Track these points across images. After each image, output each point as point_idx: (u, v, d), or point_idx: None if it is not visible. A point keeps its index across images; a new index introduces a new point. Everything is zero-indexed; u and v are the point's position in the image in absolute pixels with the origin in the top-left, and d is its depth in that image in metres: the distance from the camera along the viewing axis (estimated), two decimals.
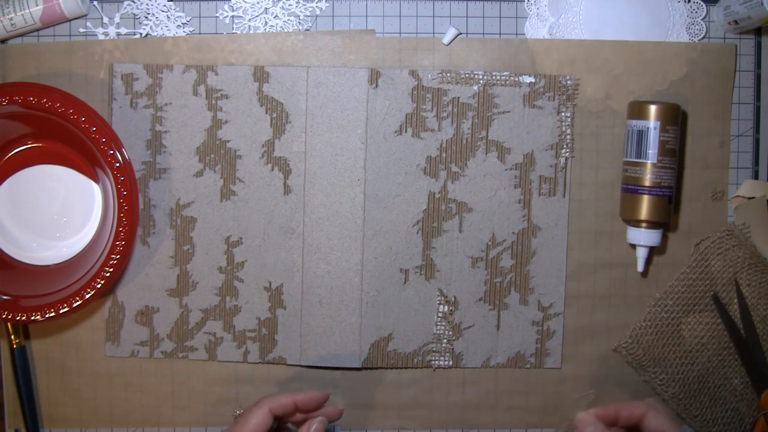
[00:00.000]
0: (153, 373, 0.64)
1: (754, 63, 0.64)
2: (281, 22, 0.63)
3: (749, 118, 0.64)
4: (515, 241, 0.63)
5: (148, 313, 0.63)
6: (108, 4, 0.62)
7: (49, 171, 0.62)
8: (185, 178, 0.62)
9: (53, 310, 0.57)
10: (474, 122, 0.62)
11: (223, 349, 0.63)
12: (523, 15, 0.63)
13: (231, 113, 0.61)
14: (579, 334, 0.64)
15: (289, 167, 0.62)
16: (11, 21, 0.60)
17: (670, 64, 0.62)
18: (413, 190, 0.62)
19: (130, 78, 0.61)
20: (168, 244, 0.62)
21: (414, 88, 0.61)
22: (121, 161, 0.57)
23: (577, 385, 0.64)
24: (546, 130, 0.62)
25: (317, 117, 0.61)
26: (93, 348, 0.64)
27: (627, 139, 0.60)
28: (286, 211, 0.62)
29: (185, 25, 0.63)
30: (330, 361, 0.63)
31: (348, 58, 0.62)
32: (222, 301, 0.63)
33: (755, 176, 0.65)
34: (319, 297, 0.62)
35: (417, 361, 0.63)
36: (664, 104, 0.58)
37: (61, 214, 0.63)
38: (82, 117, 0.56)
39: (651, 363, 0.63)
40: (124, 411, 0.64)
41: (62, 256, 0.62)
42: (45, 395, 0.64)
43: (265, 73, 0.61)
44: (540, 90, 0.62)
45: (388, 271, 0.62)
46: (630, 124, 0.60)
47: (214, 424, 0.65)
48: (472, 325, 0.63)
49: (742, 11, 0.60)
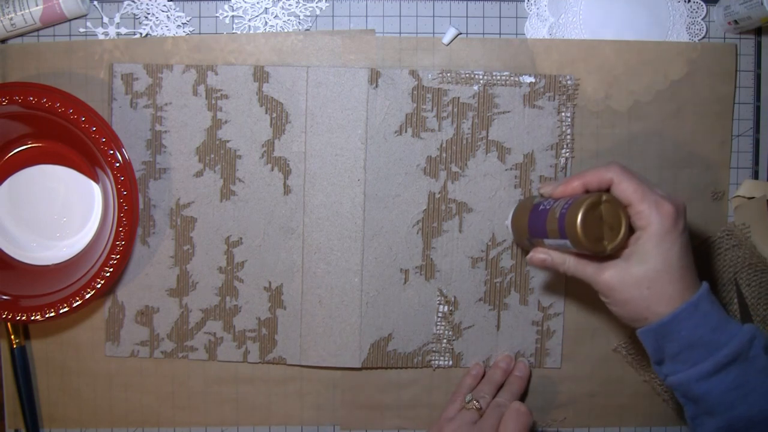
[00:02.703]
0: (153, 373, 0.64)
1: (754, 63, 0.64)
2: (281, 22, 0.63)
3: (749, 118, 0.64)
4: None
5: (148, 313, 0.63)
6: (108, 4, 0.62)
7: (49, 171, 0.62)
8: (185, 178, 0.62)
9: (53, 310, 0.57)
10: (474, 122, 0.62)
11: (223, 349, 0.63)
12: (523, 15, 0.63)
13: (231, 113, 0.61)
14: (579, 334, 0.64)
15: (289, 167, 0.62)
16: (11, 21, 0.60)
17: (670, 64, 0.62)
18: (413, 190, 0.62)
19: (130, 78, 0.61)
20: (168, 244, 0.62)
21: (414, 88, 0.61)
22: (121, 161, 0.57)
23: (577, 385, 0.64)
24: (546, 130, 0.62)
25: (317, 117, 0.61)
26: (93, 348, 0.64)
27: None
28: (286, 211, 0.62)
29: (185, 25, 0.63)
30: (330, 361, 0.63)
31: (348, 58, 0.62)
32: (222, 301, 0.63)
33: (755, 176, 0.65)
34: (319, 297, 0.62)
35: (417, 361, 0.63)
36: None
37: (61, 214, 0.63)
38: (82, 117, 0.56)
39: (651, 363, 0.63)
40: (124, 411, 0.64)
41: (62, 256, 0.62)
42: (45, 395, 0.64)
43: (265, 73, 0.61)
44: (540, 90, 0.62)
45: (388, 271, 0.62)
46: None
47: (214, 424, 0.65)
48: (472, 325, 0.63)
49: (742, 11, 0.60)
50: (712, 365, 0.46)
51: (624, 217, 0.46)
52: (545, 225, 0.49)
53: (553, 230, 0.48)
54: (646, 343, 0.49)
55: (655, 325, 0.47)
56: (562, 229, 0.47)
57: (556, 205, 0.48)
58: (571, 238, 0.46)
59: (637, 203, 0.46)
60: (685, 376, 0.47)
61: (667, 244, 0.46)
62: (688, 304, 0.46)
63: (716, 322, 0.46)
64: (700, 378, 0.46)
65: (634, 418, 0.65)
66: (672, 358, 0.47)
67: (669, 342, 0.47)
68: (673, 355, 0.47)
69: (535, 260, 0.52)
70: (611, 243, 0.46)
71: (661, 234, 0.45)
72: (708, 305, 0.46)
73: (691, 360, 0.47)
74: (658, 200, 0.46)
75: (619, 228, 0.46)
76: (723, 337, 0.46)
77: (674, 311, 0.46)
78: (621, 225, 0.46)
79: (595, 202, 0.45)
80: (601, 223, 0.46)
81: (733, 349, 0.45)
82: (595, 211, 0.45)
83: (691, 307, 0.46)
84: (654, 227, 0.45)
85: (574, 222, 0.45)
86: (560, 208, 0.47)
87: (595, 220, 0.45)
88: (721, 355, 0.45)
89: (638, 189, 0.46)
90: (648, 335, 0.48)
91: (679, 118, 0.63)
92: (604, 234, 0.46)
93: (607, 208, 0.46)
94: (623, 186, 0.47)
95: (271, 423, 0.65)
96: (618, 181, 0.47)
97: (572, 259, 0.50)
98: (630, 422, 0.65)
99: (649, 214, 0.45)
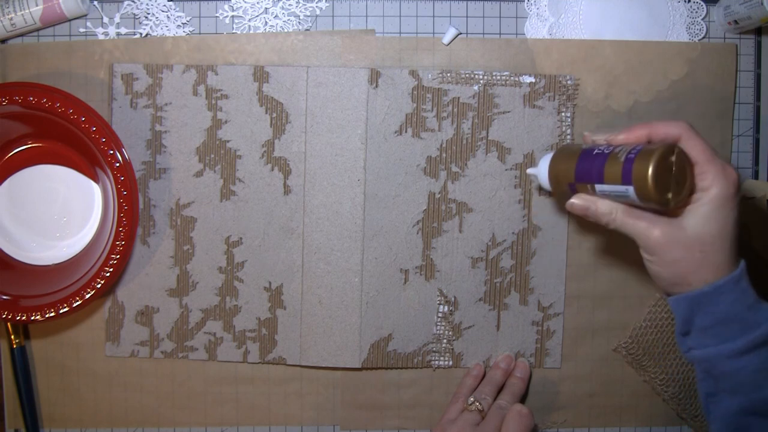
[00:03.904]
0: (153, 373, 0.64)
1: (754, 63, 0.64)
2: (281, 22, 0.63)
3: (749, 118, 0.64)
4: (515, 241, 0.63)
5: (148, 313, 0.63)
6: (108, 4, 0.62)
7: (49, 171, 0.62)
8: (185, 178, 0.62)
9: (53, 310, 0.57)
10: (474, 122, 0.62)
11: (223, 349, 0.63)
12: (523, 15, 0.63)
13: (231, 113, 0.61)
14: (579, 334, 0.64)
15: (289, 167, 0.62)
16: (11, 21, 0.60)
17: (670, 64, 0.62)
18: (413, 190, 0.62)
19: (130, 78, 0.61)
20: (168, 244, 0.62)
21: (414, 88, 0.61)
22: (121, 161, 0.57)
23: (577, 385, 0.64)
24: (546, 130, 0.62)
25: (317, 117, 0.61)
26: (93, 348, 0.64)
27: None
28: (286, 211, 0.62)
29: (185, 25, 0.63)
30: (330, 361, 0.63)
31: (348, 58, 0.62)
32: (222, 301, 0.63)
33: (755, 176, 0.65)
34: (319, 297, 0.62)
35: (417, 361, 0.63)
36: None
37: (61, 214, 0.63)
38: (82, 117, 0.56)
39: (651, 363, 0.63)
40: (124, 411, 0.64)
41: (62, 256, 0.62)
42: (45, 395, 0.64)
43: (265, 73, 0.61)
44: (540, 90, 0.62)
45: (388, 271, 0.62)
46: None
47: (214, 424, 0.65)
48: (472, 325, 0.63)
49: (742, 11, 0.60)
50: (744, 343, 0.45)
51: (691, 173, 0.44)
52: (603, 168, 0.46)
53: (614, 175, 0.45)
54: (677, 311, 0.47)
55: (694, 294, 0.45)
56: (628, 173, 0.43)
57: (619, 150, 0.45)
58: (638, 185, 0.43)
59: (705, 163, 0.45)
60: (715, 350, 0.46)
61: (727, 210, 0.45)
62: (732, 277, 0.45)
63: (753, 301, 0.45)
64: (731, 355, 0.45)
65: (634, 418, 0.65)
66: (702, 330, 0.46)
67: (703, 313, 0.46)
68: (703, 328, 0.46)
69: (577, 207, 0.49)
70: (676, 197, 0.43)
71: (723, 198, 0.44)
72: (746, 282, 0.45)
73: (723, 336, 0.45)
74: (724, 165, 0.45)
75: (685, 183, 0.44)
76: (758, 317, 0.45)
77: (718, 282, 0.45)
78: (687, 180, 0.44)
79: (668, 151, 0.43)
80: (669, 175, 0.43)
81: (767, 330, 0.45)
82: (665, 161, 0.43)
83: (734, 280, 0.45)
84: (718, 190, 0.44)
85: (645, 168, 0.42)
86: (626, 153, 0.44)
87: (665, 170, 0.43)
88: (756, 334, 0.44)
89: (707, 150, 0.45)
90: (682, 303, 0.46)
91: (679, 118, 0.63)
92: (671, 187, 0.44)
93: (678, 160, 0.44)
94: (692, 143, 0.45)
95: (271, 423, 0.65)
96: (687, 138, 0.45)
97: (621, 211, 0.47)
98: (630, 422, 0.65)
99: (715, 177, 0.44)
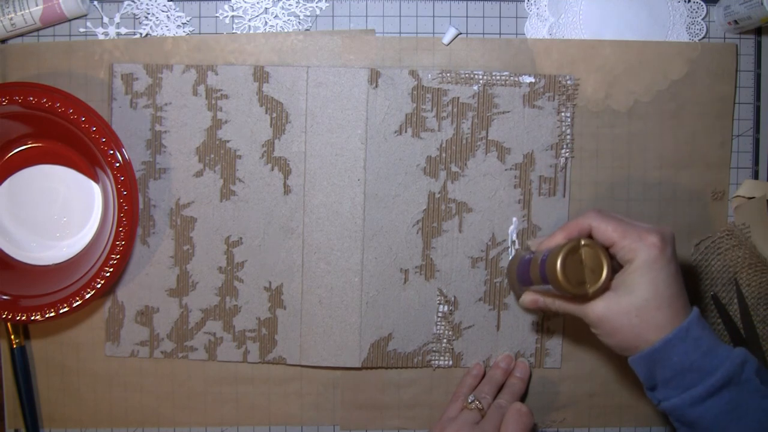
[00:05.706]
0: (153, 373, 0.64)
1: (754, 63, 0.64)
2: (281, 22, 0.63)
3: (749, 118, 0.64)
4: (515, 241, 0.63)
5: (148, 313, 0.63)
6: (108, 4, 0.62)
7: (49, 171, 0.62)
8: (185, 178, 0.62)
9: (53, 310, 0.57)
10: (474, 122, 0.62)
11: (223, 349, 0.63)
12: (523, 15, 0.63)
13: (231, 113, 0.61)
14: (579, 334, 0.64)
15: (289, 167, 0.62)
16: (11, 21, 0.60)
17: (670, 64, 0.62)
18: (413, 190, 0.62)
19: (130, 78, 0.61)
20: (168, 244, 0.62)
21: (414, 88, 0.61)
22: (121, 161, 0.57)
23: (577, 385, 0.64)
24: (546, 130, 0.62)
25: (317, 117, 0.61)
26: (93, 348, 0.64)
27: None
28: (286, 211, 0.62)
29: (185, 25, 0.63)
30: (330, 361, 0.63)
31: (348, 58, 0.62)
32: (222, 301, 0.63)
33: (755, 176, 0.65)
34: (319, 297, 0.62)
35: (417, 361, 0.63)
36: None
37: (61, 214, 0.63)
38: (82, 117, 0.56)
39: None
40: (124, 411, 0.64)
41: (62, 256, 0.62)
42: (45, 395, 0.64)
43: (265, 73, 0.61)
44: (540, 90, 0.62)
45: (388, 271, 0.62)
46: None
47: (214, 424, 0.65)
48: (472, 325, 0.63)
49: (742, 11, 0.60)
50: (704, 389, 0.46)
51: (605, 260, 0.47)
52: (529, 273, 0.51)
53: (536, 277, 0.50)
54: (638, 370, 0.49)
55: (646, 352, 0.47)
56: (543, 274, 0.48)
57: (538, 253, 0.51)
58: (552, 283, 0.47)
59: (620, 240, 0.47)
60: (679, 401, 0.47)
61: (654, 273, 0.46)
62: (679, 330, 0.46)
63: (707, 347, 0.46)
64: (694, 402, 0.46)
65: (634, 418, 0.65)
66: (665, 383, 0.48)
67: (661, 368, 0.47)
68: (665, 381, 0.48)
69: (527, 301, 0.54)
70: (593, 286, 0.47)
71: (647, 264, 0.46)
72: (699, 330, 0.47)
73: (684, 385, 0.47)
74: (641, 233, 0.47)
75: (601, 271, 0.47)
76: (715, 362, 0.46)
77: (665, 337, 0.46)
78: (602, 268, 0.47)
79: (574, 247, 0.47)
80: (582, 267, 0.47)
81: (725, 373, 0.46)
82: (574, 255, 0.47)
83: (682, 332, 0.46)
84: (640, 259, 0.47)
85: (554, 267, 0.47)
86: (541, 256, 0.49)
87: (576, 264, 0.47)
88: (714, 379, 0.46)
89: (618, 227, 0.48)
90: (639, 362, 0.48)
91: (679, 118, 0.63)
92: (586, 277, 0.47)
93: (587, 252, 0.47)
94: (602, 228, 0.48)
95: (271, 423, 0.65)
96: (597, 225, 0.49)
97: (560, 299, 0.52)
98: (630, 422, 0.65)
99: (633, 248, 0.47)
